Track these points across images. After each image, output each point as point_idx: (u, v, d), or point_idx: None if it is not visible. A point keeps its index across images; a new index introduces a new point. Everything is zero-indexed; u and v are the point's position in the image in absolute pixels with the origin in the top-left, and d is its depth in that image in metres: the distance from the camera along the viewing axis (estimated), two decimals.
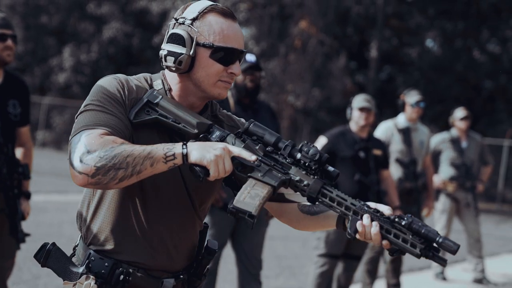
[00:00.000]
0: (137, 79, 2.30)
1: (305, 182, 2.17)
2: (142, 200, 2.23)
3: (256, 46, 21.70)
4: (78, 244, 2.32)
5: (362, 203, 2.16)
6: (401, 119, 6.96)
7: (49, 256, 2.26)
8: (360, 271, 6.65)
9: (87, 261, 2.23)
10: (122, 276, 2.21)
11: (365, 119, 5.75)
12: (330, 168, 2.20)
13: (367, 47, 25.83)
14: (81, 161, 2.05)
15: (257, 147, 2.22)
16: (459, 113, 8.29)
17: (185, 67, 2.24)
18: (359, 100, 5.82)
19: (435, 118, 22.31)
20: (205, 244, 2.38)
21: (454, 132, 8.33)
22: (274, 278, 7.35)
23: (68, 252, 2.34)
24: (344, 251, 5.73)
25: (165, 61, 2.26)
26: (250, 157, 2.15)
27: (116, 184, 2.06)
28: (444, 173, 8.26)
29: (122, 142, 2.08)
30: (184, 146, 2.09)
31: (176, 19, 2.28)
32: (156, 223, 2.24)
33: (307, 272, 7.48)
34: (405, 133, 6.85)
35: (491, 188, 18.13)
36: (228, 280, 6.88)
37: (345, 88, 22.84)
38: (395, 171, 6.76)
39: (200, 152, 2.08)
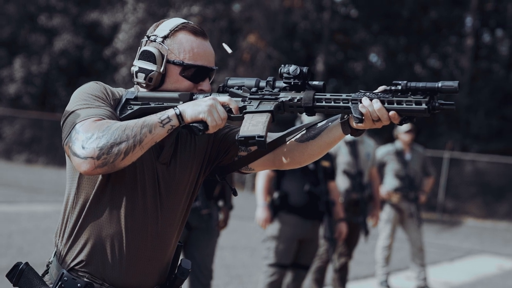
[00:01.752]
0: (114, 88, 2.31)
1: (298, 97, 2.16)
2: (119, 209, 2.19)
3: None
4: (52, 261, 2.27)
5: (358, 92, 2.14)
6: None
7: (22, 276, 2.21)
8: (308, 280, 6.65)
9: (59, 283, 2.18)
10: None
11: None
12: (315, 82, 2.19)
13: (314, 61, 26.01)
14: (83, 147, 2.04)
15: (241, 91, 2.23)
16: (404, 126, 8.36)
17: (155, 84, 2.25)
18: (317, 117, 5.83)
19: (379, 131, 22.56)
20: (179, 263, 2.35)
21: (398, 144, 8.41)
22: (223, 287, 7.30)
23: (39, 270, 2.28)
24: (293, 260, 5.72)
25: (136, 77, 2.28)
26: (237, 106, 2.18)
27: (122, 159, 2.04)
28: (388, 184, 8.33)
29: (116, 121, 2.09)
30: (176, 107, 2.10)
31: (148, 37, 2.29)
32: (132, 233, 2.21)
33: (255, 281, 7.45)
34: (352, 145, 6.89)
35: (431, 198, 18.36)
36: None
37: None
38: (342, 183, 6.79)
39: (192, 107, 2.10)
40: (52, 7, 26.51)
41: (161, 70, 2.24)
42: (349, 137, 6.90)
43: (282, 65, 2.20)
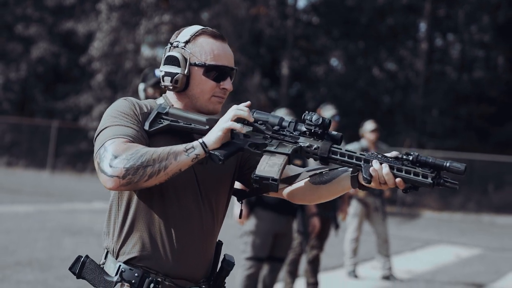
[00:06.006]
0: (143, 101, 2.34)
1: (315, 146, 2.18)
2: (164, 208, 2.23)
3: None
4: (105, 262, 2.29)
5: (371, 152, 2.15)
6: None
7: (84, 267, 2.26)
8: (282, 272, 6.63)
9: (119, 271, 2.22)
10: (152, 285, 2.21)
11: None
12: (334, 133, 2.21)
13: (279, 65, 26.05)
14: (110, 166, 2.07)
15: (264, 128, 2.24)
16: (369, 125, 8.39)
17: (181, 86, 2.29)
18: (282, 115, 5.80)
19: (341, 130, 22.63)
20: (223, 257, 2.39)
21: (364, 142, 8.43)
22: None
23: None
24: (269, 254, 5.70)
25: (163, 81, 2.32)
26: (248, 114, 2.19)
27: (146, 181, 2.07)
28: None
29: (144, 147, 2.12)
30: (200, 139, 2.15)
31: (171, 43, 2.34)
32: (179, 229, 2.25)
33: (232, 274, 7.40)
34: None
35: (392, 192, 18.49)
36: None
37: (260, 103, 22.98)
38: None
39: (212, 135, 2.15)
40: (28, 16, 26.16)
41: (185, 72, 2.28)
42: None
43: (306, 112, 2.22)
